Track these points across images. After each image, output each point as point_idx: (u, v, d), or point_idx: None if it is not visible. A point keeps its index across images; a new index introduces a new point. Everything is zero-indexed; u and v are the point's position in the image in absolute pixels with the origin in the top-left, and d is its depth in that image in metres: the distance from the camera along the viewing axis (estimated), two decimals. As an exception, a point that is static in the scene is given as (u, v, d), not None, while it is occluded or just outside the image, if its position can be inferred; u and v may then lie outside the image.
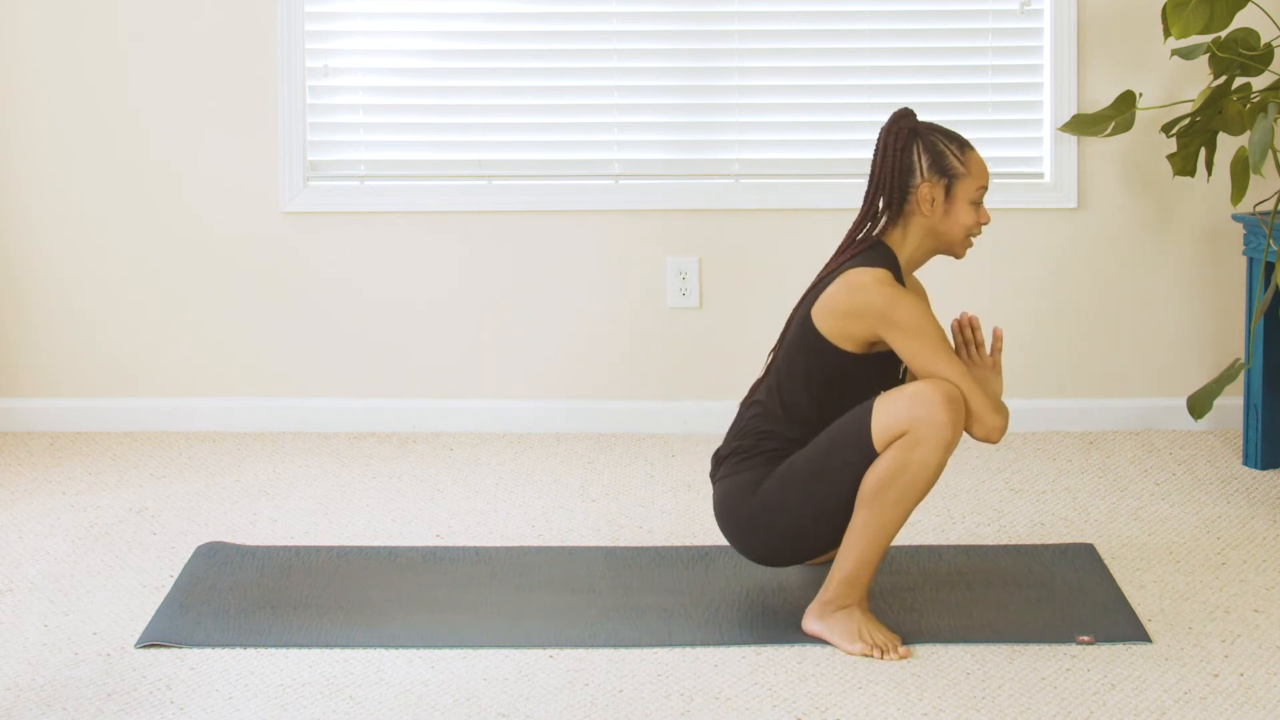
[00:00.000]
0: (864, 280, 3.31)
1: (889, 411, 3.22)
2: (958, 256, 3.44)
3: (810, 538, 3.35)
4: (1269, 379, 4.44)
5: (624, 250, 4.85)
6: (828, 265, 3.43)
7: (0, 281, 4.88)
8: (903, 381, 3.45)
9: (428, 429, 4.88)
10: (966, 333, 3.44)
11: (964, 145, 3.39)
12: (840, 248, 3.43)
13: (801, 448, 3.36)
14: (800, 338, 3.38)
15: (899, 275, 3.37)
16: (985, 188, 3.39)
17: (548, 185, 4.85)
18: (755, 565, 3.71)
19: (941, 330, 3.29)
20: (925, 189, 3.36)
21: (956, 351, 3.40)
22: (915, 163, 3.37)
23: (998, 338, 3.41)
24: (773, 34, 4.81)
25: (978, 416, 3.25)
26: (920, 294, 3.51)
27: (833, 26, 4.81)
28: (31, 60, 4.80)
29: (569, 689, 3.11)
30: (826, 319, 3.34)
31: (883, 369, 3.39)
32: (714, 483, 3.47)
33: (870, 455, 3.24)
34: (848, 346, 3.34)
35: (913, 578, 3.65)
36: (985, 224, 3.42)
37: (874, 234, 3.41)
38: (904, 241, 3.41)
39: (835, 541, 3.36)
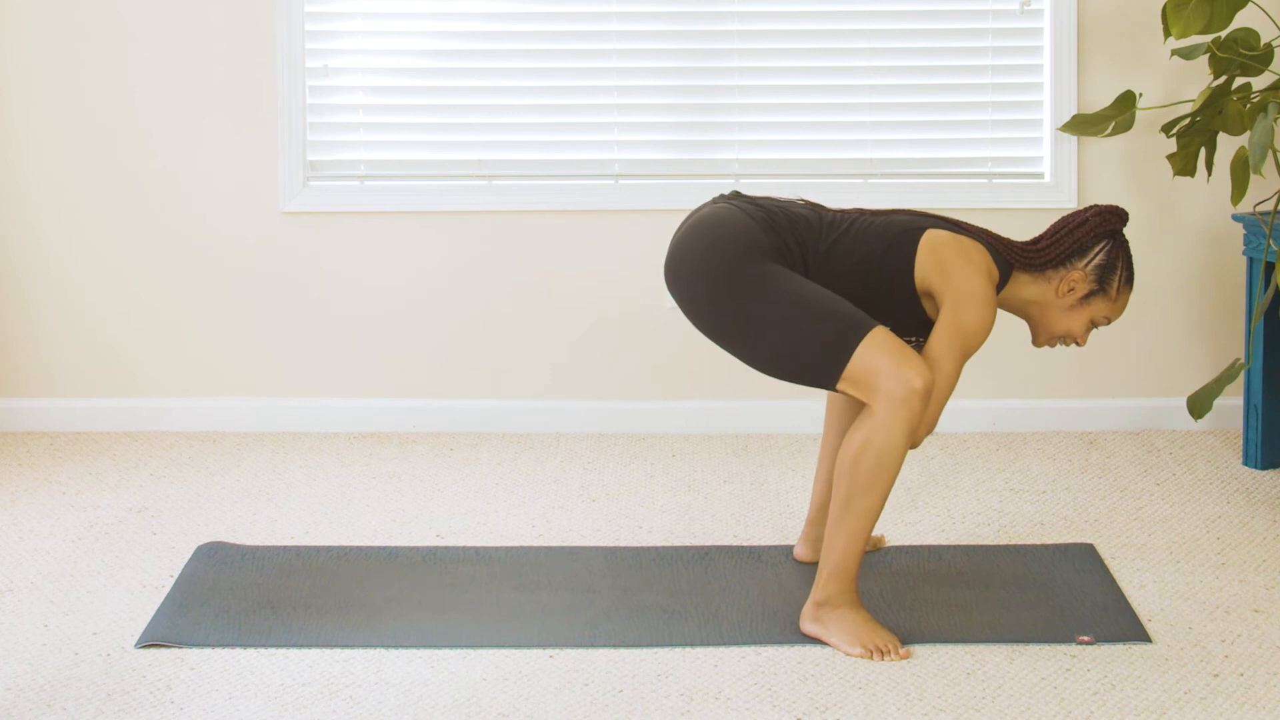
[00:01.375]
0: (980, 261, 3.37)
1: (878, 354, 3.23)
2: (1035, 343, 3.55)
3: (727, 329, 3.32)
4: (1269, 379, 4.44)
5: (624, 250, 4.85)
6: (971, 225, 3.47)
7: (0, 281, 4.88)
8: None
9: (428, 429, 4.88)
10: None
11: (1131, 281, 3.49)
12: (989, 231, 3.48)
13: (804, 275, 3.37)
14: (898, 234, 3.40)
15: (996, 293, 3.43)
16: (1110, 321, 3.50)
17: (548, 185, 4.85)
18: (755, 565, 3.71)
19: (977, 348, 3.34)
20: (1076, 276, 3.45)
21: None
22: (1091, 253, 3.45)
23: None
24: (773, 34, 4.81)
25: (926, 424, 3.29)
26: None
27: (833, 26, 4.81)
28: (31, 60, 4.80)
29: (569, 689, 3.11)
30: (928, 249, 3.38)
31: (915, 317, 3.43)
32: (717, 201, 3.45)
33: (836, 356, 3.23)
34: (917, 279, 3.38)
35: (913, 578, 3.65)
36: (1080, 345, 3.53)
37: (1015, 255, 3.46)
38: (1020, 286, 3.48)
39: (735, 352, 3.34)
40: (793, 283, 3.30)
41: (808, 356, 3.27)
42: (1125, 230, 3.48)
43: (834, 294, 3.32)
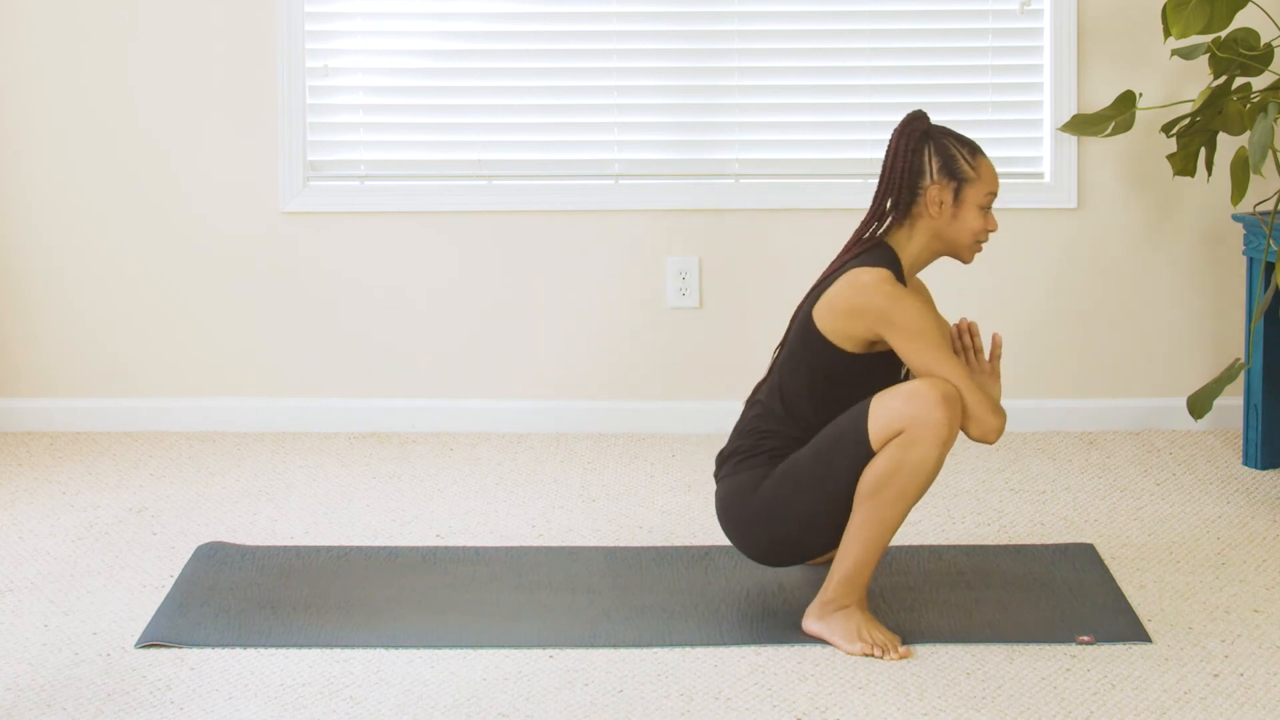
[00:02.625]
0: (865, 280, 3.31)
1: (886, 409, 3.22)
2: (965, 261, 3.45)
3: (809, 537, 3.35)
4: (1269, 379, 4.44)
5: (624, 250, 4.85)
6: (831, 265, 3.43)
7: (0, 281, 4.88)
8: (905, 380, 3.45)
9: (428, 429, 4.88)
10: (965, 339, 3.45)
11: (975, 150, 3.40)
12: (845, 247, 3.43)
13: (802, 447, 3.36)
14: (802, 337, 3.38)
15: (901, 276, 3.37)
16: (994, 194, 3.40)
17: (548, 185, 4.85)
18: (756, 565, 3.71)
19: (943, 331, 3.30)
20: (934, 191, 3.37)
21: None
22: (925, 165, 3.38)
23: (997, 344, 3.42)
24: (773, 34, 4.81)
25: (975, 416, 3.25)
26: (924, 295, 3.51)
27: (833, 26, 4.81)
28: (31, 60, 4.80)
29: (569, 689, 3.11)
30: (827, 318, 3.34)
31: (884, 369, 3.39)
32: (717, 482, 3.47)
33: (867, 453, 3.24)
34: (848, 346, 3.34)
35: (913, 578, 3.65)
36: (992, 230, 3.41)
37: (879, 234, 3.41)
38: (909, 243, 3.41)
39: (835, 541, 3.36)
40: (792, 462, 3.32)
41: (853, 477, 3.26)
42: (926, 124, 3.41)
43: (827, 426, 3.33)
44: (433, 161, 4.86)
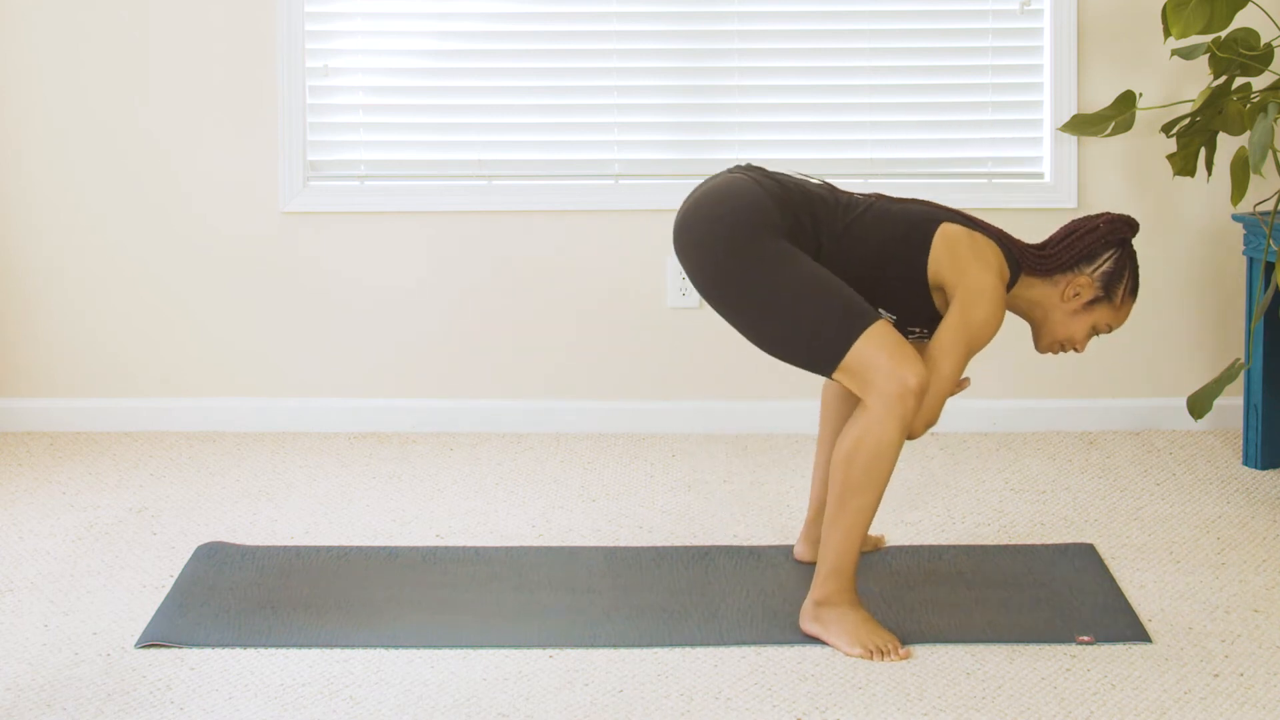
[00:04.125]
0: (993, 260, 3.37)
1: (877, 348, 3.23)
2: (1037, 348, 3.55)
3: (728, 300, 3.31)
4: (1269, 379, 4.44)
5: (624, 250, 4.85)
6: (983, 221, 3.47)
7: (0, 281, 4.88)
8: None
9: (428, 429, 4.88)
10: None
11: (1135, 292, 3.50)
12: (1002, 231, 3.48)
13: (814, 257, 3.36)
14: (915, 222, 3.40)
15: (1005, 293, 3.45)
16: (1112, 329, 3.50)
17: (548, 185, 4.85)
18: (755, 565, 3.71)
19: (983, 345, 3.34)
20: (1083, 282, 3.46)
21: None
22: (1099, 260, 3.46)
23: (962, 386, 3.48)
24: (773, 34, 4.81)
25: (924, 416, 3.29)
26: None
27: (833, 26, 4.81)
28: (31, 60, 4.80)
29: (569, 689, 3.11)
30: (944, 242, 3.38)
31: (924, 308, 3.43)
32: (734, 171, 3.44)
33: (833, 348, 3.23)
34: (930, 271, 3.38)
35: (913, 578, 3.65)
36: (1077, 351, 3.52)
37: (1024, 257, 3.46)
38: (1026, 287, 3.49)
39: (734, 323, 3.33)
40: (801, 263, 3.30)
41: (808, 340, 3.27)
42: (1135, 241, 3.50)
43: (841, 281, 3.31)
44: (433, 161, 4.86)
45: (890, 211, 3.43)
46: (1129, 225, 3.48)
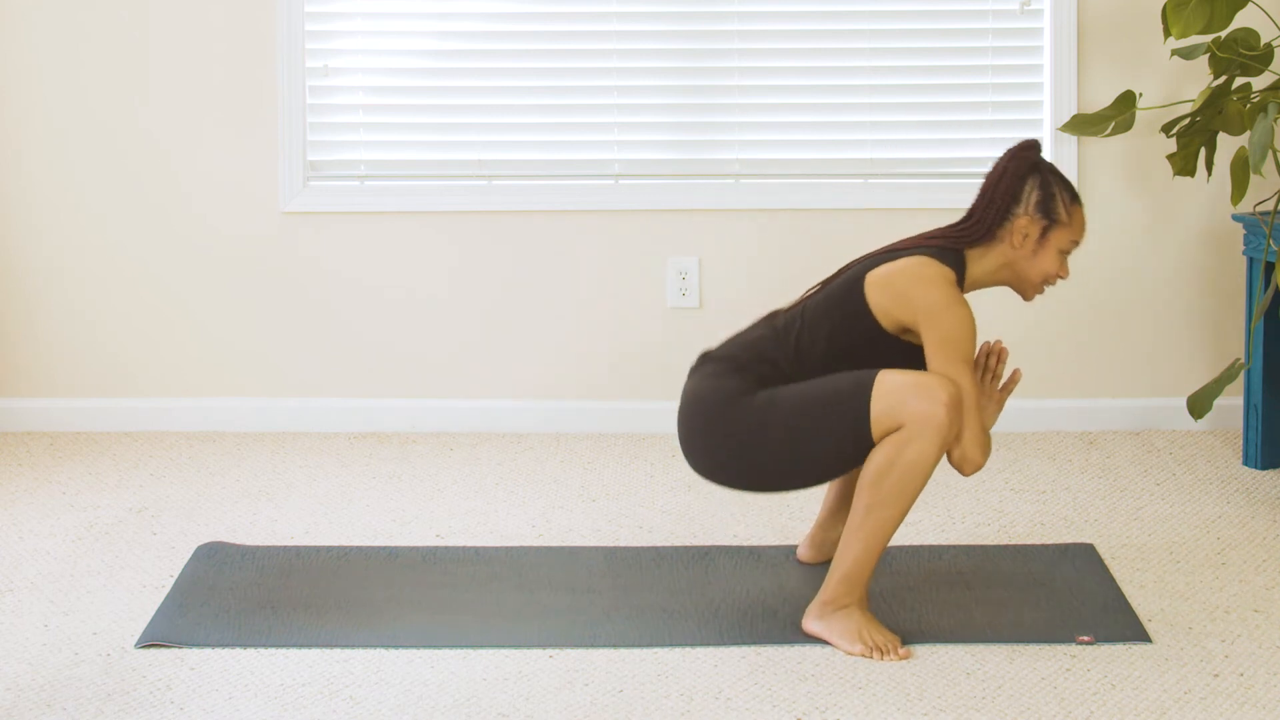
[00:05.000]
0: (930, 273, 3.32)
1: (893, 393, 3.21)
2: (1026, 298, 3.48)
3: (766, 473, 3.32)
4: (1269, 379, 4.44)
5: (624, 250, 4.85)
6: (901, 241, 3.44)
7: (0, 281, 4.88)
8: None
9: (428, 429, 4.88)
10: (990, 360, 3.47)
11: (1075, 197, 3.42)
12: (924, 234, 3.44)
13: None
14: (843, 295, 3.37)
15: (961, 285, 3.40)
16: (1079, 243, 3.44)
17: (548, 185, 4.85)
18: (755, 565, 3.71)
19: (973, 350, 3.30)
20: (1023, 222, 3.39)
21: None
22: (1025, 194, 3.40)
23: (1015, 379, 3.45)
24: (773, 34, 4.81)
25: (964, 441, 3.26)
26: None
27: (833, 26, 4.81)
28: (31, 60, 4.80)
29: (569, 689, 3.11)
30: (877, 291, 3.34)
31: (906, 355, 3.39)
32: (691, 376, 3.43)
33: (862, 424, 3.22)
34: (885, 323, 3.34)
35: (913, 578, 3.65)
36: (1064, 278, 3.45)
37: (958, 239, 3.42)
38: (979, 261, 3.43)
39: (785, 486, 3.33)
40: (783, 395, 3.29)
41: (837, 441, 3.25)
42: (1042, 155, 3.42)
43: (825, 378, 3.30)
44: (433, 161, 4.86)
45: (819, 302, 3.39)
46: (1030, 148, 3.42)
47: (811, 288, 3.49)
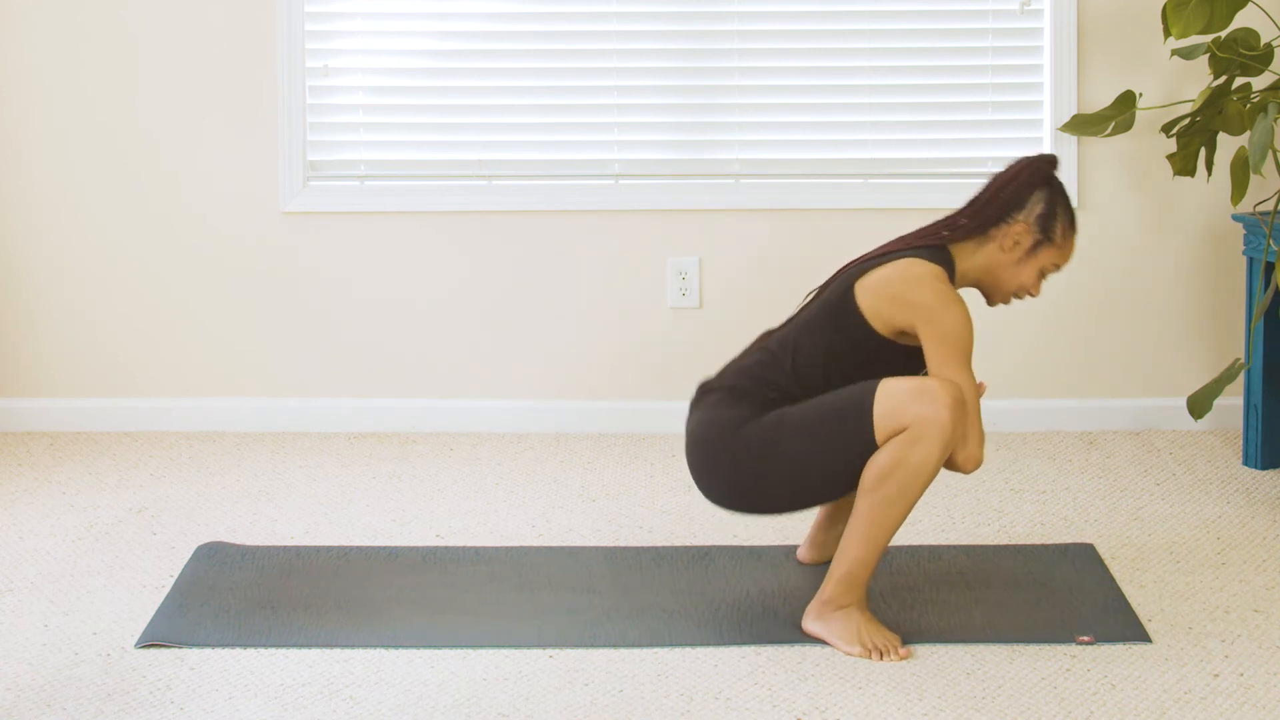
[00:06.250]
0: (921, 273, 3.31)
1: (894, 399, 3.20)
2: (990, 303, 3.49)
3: (781, 494, 3.33)
4: (1269, 379, 4.44)
5: (624, 250, 4.85)
6: (887, 245, 3.43)
7: (0, 281, 4.88)
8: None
9: (428, 429, 4.88)
10: None
11: (1073, 224, 3.43)
12: (909, 234, 3.44)
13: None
14: (836, 306, 3.37)
15: (951, 281, 3.39)
16: (1060, 268, 3.45)
17: (548, 185, 4.85)
18: (755, 565, 3.71)
19: (971, 347, 3.30)
20: (1019, 229, 3.39)
21: None
22: (1030, 203, 3.40)
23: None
24: (773, 34, 4.81)
25: (969, 439, 3.25)
26: None
27: (833, 26, 4.81)
28: (31, 60, 4.80)
29: (569, 689, 3.11)
30: (870, 297, 3.33)
31: (906, 360, 3.39)
32: (693, 411, 3.42)
33: (867, 435, 3.22)
34: (880, 329, 3.34)
35: (913, 578, 3.65)
36: (1032, 295, 3.46)
37: (947, 237, 3.41)
38: (968, 257, 3.43)
39: (802, 505, 3.34)
40: (787, 418, 3.29)
41: (845, 457, 3.24)
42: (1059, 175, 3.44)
43: (826, 394, 3.30)
44: (433, 161, 4.86)
45: (813, 315, 3.39)
46: (1050, 162, 3.42)
47: (802, 302, 3.49)
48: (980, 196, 3.43)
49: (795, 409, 3.31)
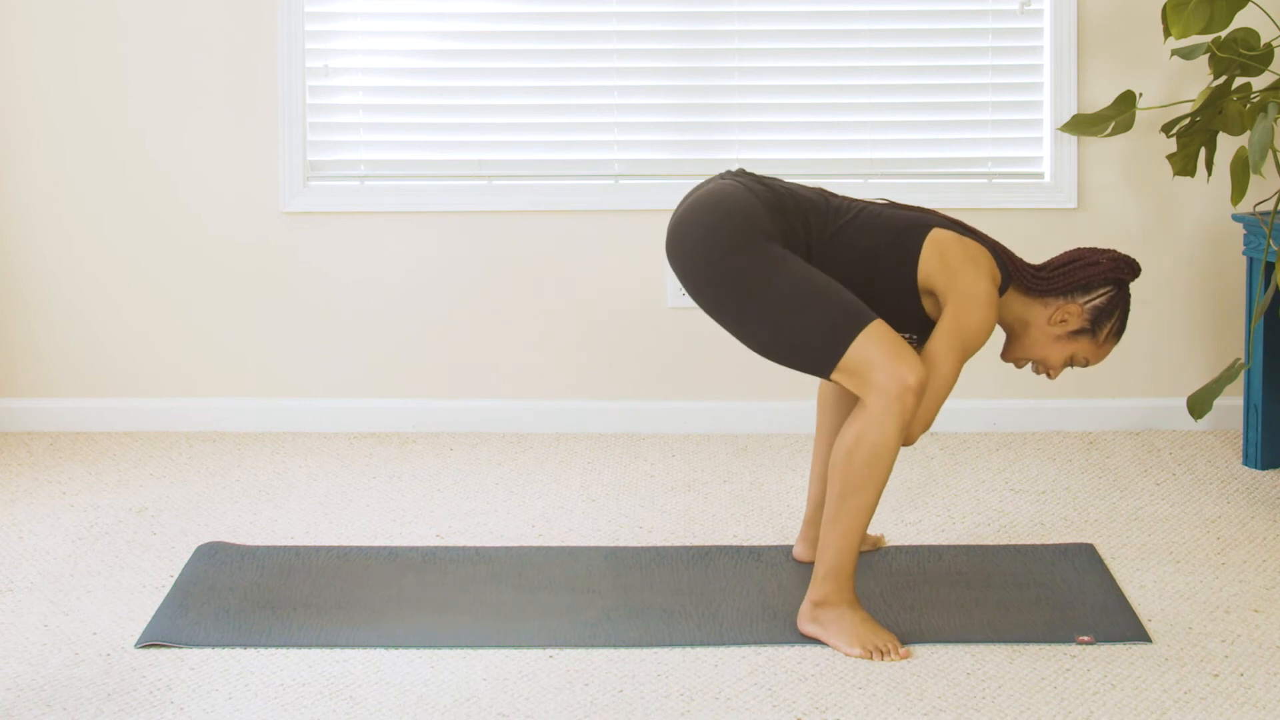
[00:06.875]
0: (986, 266, 3.36)
1: (876, 348, 3.23)
2: (1003, 356, 3.54)
3: (727, 308, 3.31)
4: (1269, 379, 4.44)
5: (624, 250, 4.85)
6: (976, 230, 3.47)
7: (0, 281, 4.88)
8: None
9: (428, 429, 4.88)
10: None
11: (1119, 335, 3.48)
12: (1000, 243, 3.48)
13: (806, 259, 3.36)
14: (903, 231, 3.39)
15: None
16: (1088, 364, 3.50)
17: (548, 185, 4.85)
18: (755, 565, 3.71)
19: (977, 349, 3.35)
20: (1071, 311, 3.44)
21: None
22: (1094, 293, 3.45)
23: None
24: (773, 34, 4.81)
25: (922, 419, 3.29)
26: None
27: (833, 26, 4.81)
28: (30, 60, 4.80)
29: (569, 689, 3.11)
30: (934, 248, 3.37)
31: (915, 319, 3.43)
32: (725, 178, 3.42)
33: (832, 347, 3.23)
34: (919, 275, 3.37)
35: (913, 578, 3.65)
36: (1050, 376, 3.52)
37: (1018, 272, 3.45)
38: (1012, 301, 3.47)
39: (731, 329, 3.33)
40: (795, 266, 3.29)
41: (805, 343, 3.26)
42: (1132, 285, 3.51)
43: (836, 283, 3.31)
44: (433, 161, 4.86)
45: (880, 217, 3.43)
46: (1131, 268, 3.47)
47: (871, 200, 3.50)
48: (1057, 262, 3.48)
49: (801, 267, 3.30)
